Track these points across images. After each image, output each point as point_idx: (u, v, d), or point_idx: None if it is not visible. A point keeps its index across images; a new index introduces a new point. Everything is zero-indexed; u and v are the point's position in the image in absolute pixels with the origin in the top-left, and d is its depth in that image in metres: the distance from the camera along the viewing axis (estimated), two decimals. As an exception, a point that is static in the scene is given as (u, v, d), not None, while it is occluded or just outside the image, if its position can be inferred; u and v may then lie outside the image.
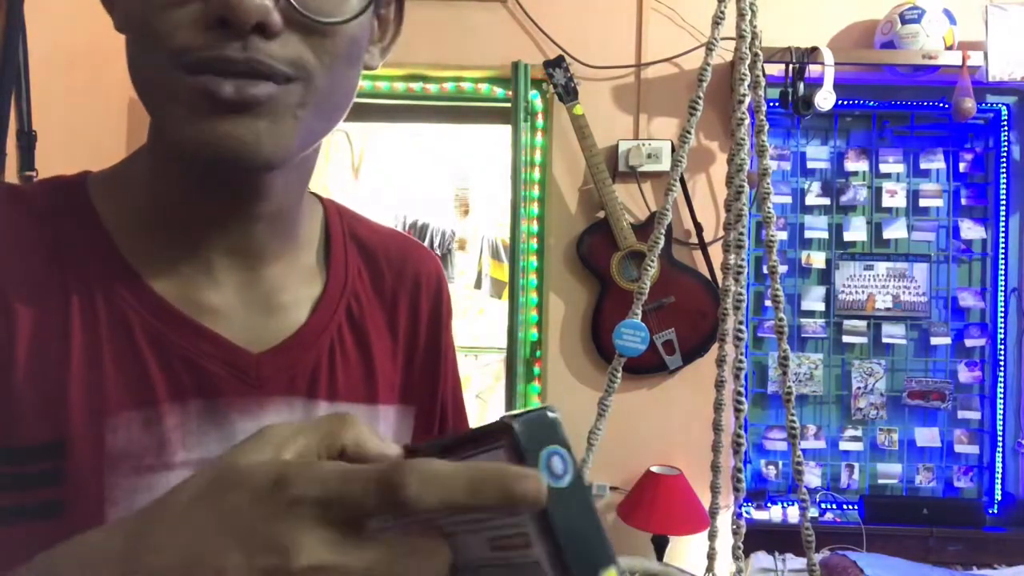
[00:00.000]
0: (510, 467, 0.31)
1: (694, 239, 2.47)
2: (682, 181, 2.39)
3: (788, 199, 2.64)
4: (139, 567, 0.32)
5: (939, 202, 2.64)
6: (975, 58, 2.38)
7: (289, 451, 0.34)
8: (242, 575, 0.31)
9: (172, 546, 0.32)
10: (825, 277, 2.64)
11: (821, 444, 2.61)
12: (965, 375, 2.61)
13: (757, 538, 2.35)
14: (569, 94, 2.38)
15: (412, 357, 0.67)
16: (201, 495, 0.33)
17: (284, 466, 0.32)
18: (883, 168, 2.64)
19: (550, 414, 0.34)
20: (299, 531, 0.31)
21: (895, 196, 2.63)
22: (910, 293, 2.63)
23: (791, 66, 2.39)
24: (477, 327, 4.24)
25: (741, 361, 1.92)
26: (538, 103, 2.54)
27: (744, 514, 1.96)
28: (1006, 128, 2.60)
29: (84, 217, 0.54)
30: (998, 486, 2.58)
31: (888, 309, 2.62)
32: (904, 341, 2.62)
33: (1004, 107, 2.60)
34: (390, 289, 0.67)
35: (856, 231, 2.63)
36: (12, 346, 0.49)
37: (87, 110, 2.12)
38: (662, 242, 2.02)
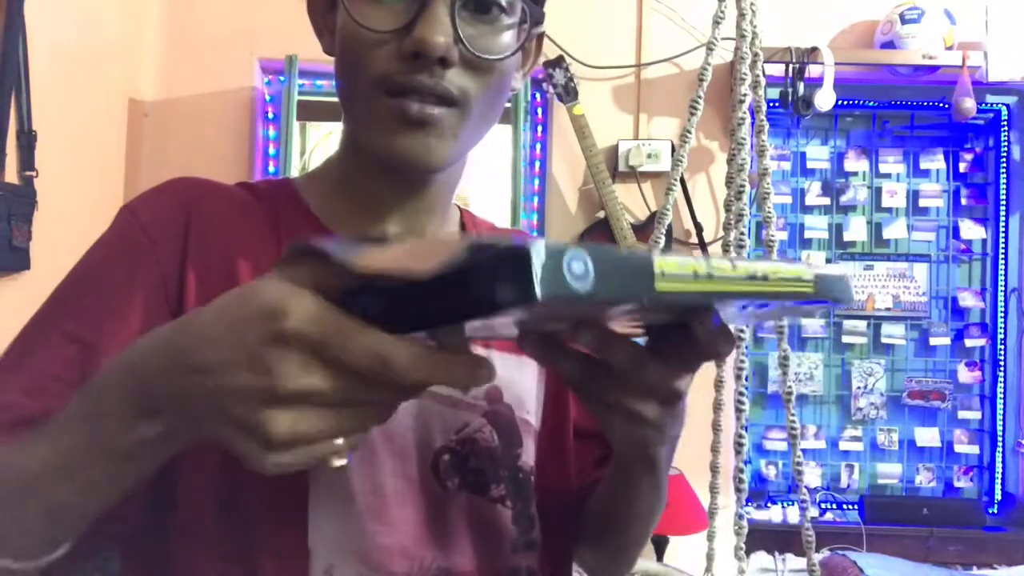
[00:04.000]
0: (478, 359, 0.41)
1: (694, 239, 2.47)
2: (682, 181, 2.39)
3: (788, 199, 2.64)
4: (170, 364, 0.42)
5: (939, 202, 2.64)
6: (975, 58, 2.38)
7: (314, 283, 0.40)
8: (236, 388, 0.39)
9: (193, 350, 0.41)
10: (825, 277, 2.64)
11: (821, 444, 2.61)
12: (965, 375, 2.61)
13: (757, 538, 2.35)
14: (569, 94, 2.37)
15: None
16: (224, 304, 0.42)
17: (288, 299, 0.39)
18: (883, 168, 2.64)
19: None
20: (283, 360, 0.38)
21: (895, 196, 2.63)
22: (910, 293, 2.63)
23: (791, 66, 2.39)
24: (477, 327, 4.23)
25: (742, 361, 1.92)
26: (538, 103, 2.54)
27: (744, 514, 1.96)
28: (1006, 128, 2.60)
29: (294, 200, 0.70)
30: (998, 486, 2.58)
31: (888, 309, 2.62)
32: (904, 341, 2.62)
33: (1004, 107, 2.60)
34: None
35: (856, 231, 2.63)
36: (233, 284, 0.59)
37: (87, 110, 2.12)
38: (662, 242, 2.02)
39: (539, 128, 2.55)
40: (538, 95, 2.54)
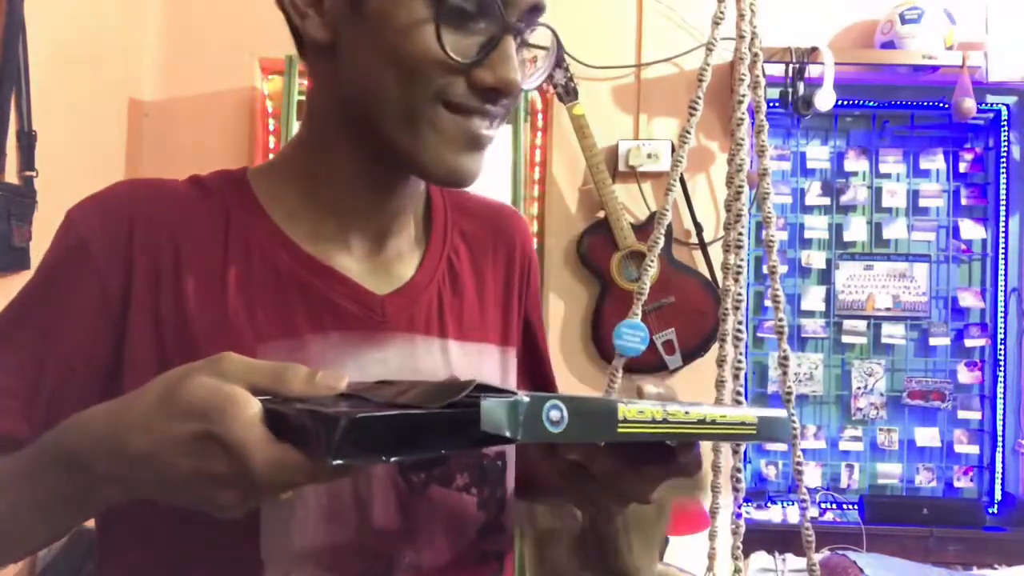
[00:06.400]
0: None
1: (694, 239, 2.47)
2: (682, 181, 2.39)
3: (788, 199, 2.64)
4: (111, 454, 0.47)
5: (939, 202, 2.64)
6: (975, 58, 2.38)
7: (238, 381, 0.45)
8: (178, 473, 0.45)
9: (129, 442, 0.46)
10: (825, 277, 2.64)
11: (821, 444, 2.61)
12: (965, 375, 2.61)
13: (757, 538, 2.35)
14: (569, 94, 2.37)
15: (508, 303, 0.79)
16: (157, 396, 0.46)
17: (213, 399, 0.44)
18: (883, 168, 2.64)
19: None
20: (211, 453, 0.44)
21: (895, 196, 2.63)
22: (910, 293, 2.62)
23: (791, 66, 2.39)
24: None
25: (740, 361, 1.92)
26: (538, 103, 2.54)
27: (744, 514, 1.96)
28: (1006, 128, 2.60)
29: (246, 196, 0.68)
30: (998, 486, 2.58)
31: (888, 309, 2.62)
32: (904, 341, 2.62)
33: (1004, 107, 2.60)
34: (488, 245, 0.79)
35: (856, 231, 2.63)
36: (181, 286, 0.63)
37: (87, 110, 2.12)
38: (662, 242, 2.02)
39: (539, 128, 2.54)
40: (538, 95, 2.54)
